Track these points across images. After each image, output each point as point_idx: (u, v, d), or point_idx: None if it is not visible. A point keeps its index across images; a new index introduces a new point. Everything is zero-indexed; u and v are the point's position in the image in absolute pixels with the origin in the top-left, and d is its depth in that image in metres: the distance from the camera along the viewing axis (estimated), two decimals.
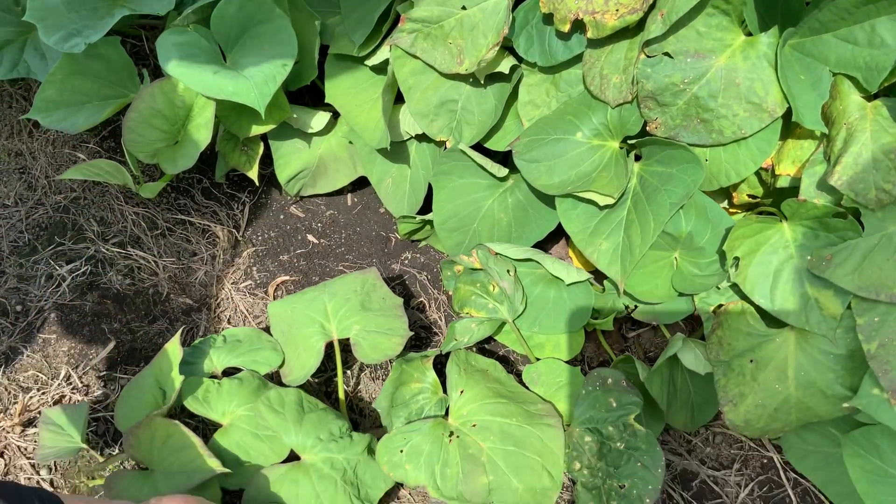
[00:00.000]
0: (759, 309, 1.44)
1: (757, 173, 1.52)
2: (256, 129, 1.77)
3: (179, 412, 1.58)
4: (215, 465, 1.37)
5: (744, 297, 1.46)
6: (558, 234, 1.77)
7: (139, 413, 1.48)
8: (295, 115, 1.79)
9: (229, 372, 1.59)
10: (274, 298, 1.84)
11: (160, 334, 1.77)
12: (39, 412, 1.63)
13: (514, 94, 1.63)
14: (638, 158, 1.48)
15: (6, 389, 1.66)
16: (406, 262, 1.92)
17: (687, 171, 1.39)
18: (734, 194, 1.59)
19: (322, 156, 1.89)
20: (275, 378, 1.62)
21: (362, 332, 1.60)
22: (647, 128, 1.42)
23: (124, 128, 1.63)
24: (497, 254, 1.56)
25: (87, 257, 1.83)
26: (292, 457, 1.49)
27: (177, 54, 1.60)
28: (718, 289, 1.48)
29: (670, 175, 1.41)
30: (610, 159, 1.48)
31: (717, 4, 1.33)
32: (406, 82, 1.66)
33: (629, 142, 1.46)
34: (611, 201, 1.42)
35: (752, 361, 1.44)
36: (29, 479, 1.58)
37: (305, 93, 1.96)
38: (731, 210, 1.61)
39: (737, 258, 1.40)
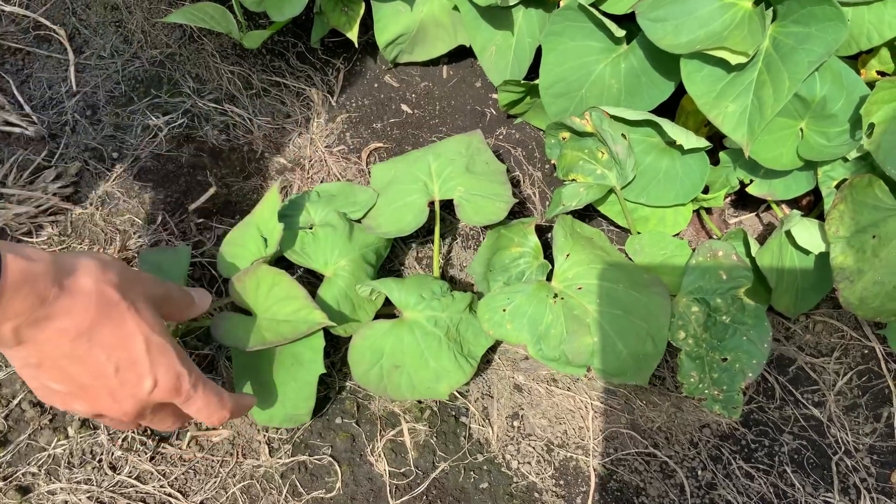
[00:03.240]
0: (888, 181, 1.37)
1: (891, 46, 1.45)
2: None
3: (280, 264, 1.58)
4: (321, 317, 1.34)
5: (873, 170, 1.40)
6: (664, 112, 1.70)
7: (242, 262, 1.47)
8: None
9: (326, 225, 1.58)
10: (367, 164, 1.81)
11: (255, 190, 1.76)
12: (138, 254, 1.63)
13: None
14: (773, 17, 1.40)
15: (103, 231, 1.67)
16: (501, 137, 1.88)
17: (827, 29, 1.31)
18: (862, 71, 1.51)
19: (423, 20, 1.84)
20: None
21: (466, 193, 1.57)
22: None
23: None
24: (612, 116, 1.51)
25: (182, 111, 1.82)
26: (390, 316, 1.48)
27: None
28: (845, 160, 1.42)
29: (808, 35, 1.34)
30: (742, 18, 1.41)
31: None
32: None
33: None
34: (744, 59, 1.36)
35: (874, 237, 1.38)
36: None
37: None
38: None
39: (872, 124, 1.33)
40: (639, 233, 1.58)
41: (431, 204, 1.59)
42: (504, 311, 1.42)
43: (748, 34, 1.37)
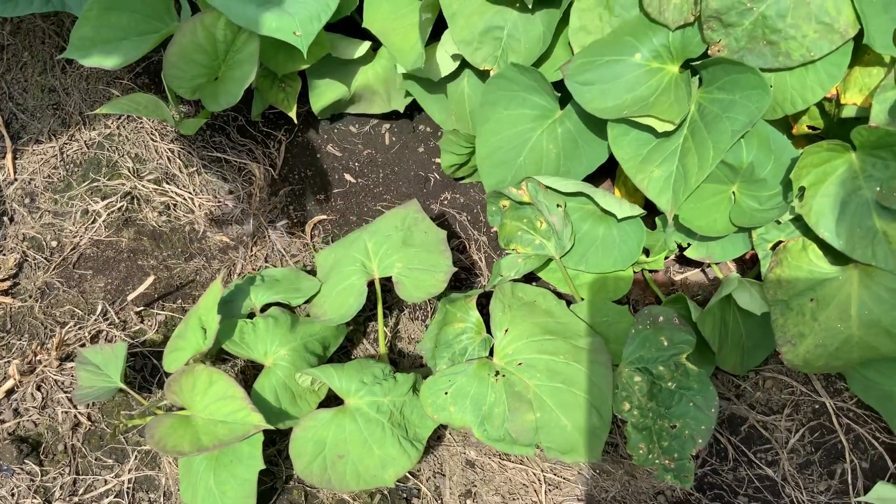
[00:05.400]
0: (821, 244, 1.37)
1: (820, 104, 1.45)
2: (296, 66, 1.71)
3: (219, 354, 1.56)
4: (258, 420, 1.32)
5: (806, 233, 1.40)
6: (604, 173, 1.71)
7: (183, 355, 1.45)
8: (333, 47, 1.73)
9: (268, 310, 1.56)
10: (311, 238, 1.80)
11: (197, 271, 1.74)
12: (77, 347, 1.61)
13: (563, 21, 1.55)
14: (699, 83, 1.41)
15: (42, 324, 1.65)
16: (446, 202, 1.87)
17: (751, 97, 1.32)
18: (794, 126, 1.52)
19: (359, 88, 1.83)
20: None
21: (405, 269, 1.56)
22: (710, 51, 1.35)
23: (165, 62, 1.58)
24: (547, 187, 1.50)
25: (122, 193, 1.80)
26: (336, 401, 1.45)
27: None
28: (779, 223, 1.41)
29: (732, 102, 1.34)
30: (669, 83, 1.41)
31: None
32: (449, 7, 1.59)
33: (691, 64, 1.39)
34: (670, 127, 1.36)
35: (812, 300, 1.38)
36: (66, 412, 1.56)
37: (341, 26, 1.89)
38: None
39: (802, 188, 1.33)
40: (582, 299, 1.57)
41: (372, 282, 1.57)
42: (446, 393, 1.40)
43: (674, 101, 1.37)
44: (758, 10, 1.28)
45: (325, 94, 1.83)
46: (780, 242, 1.42)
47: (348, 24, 1.88)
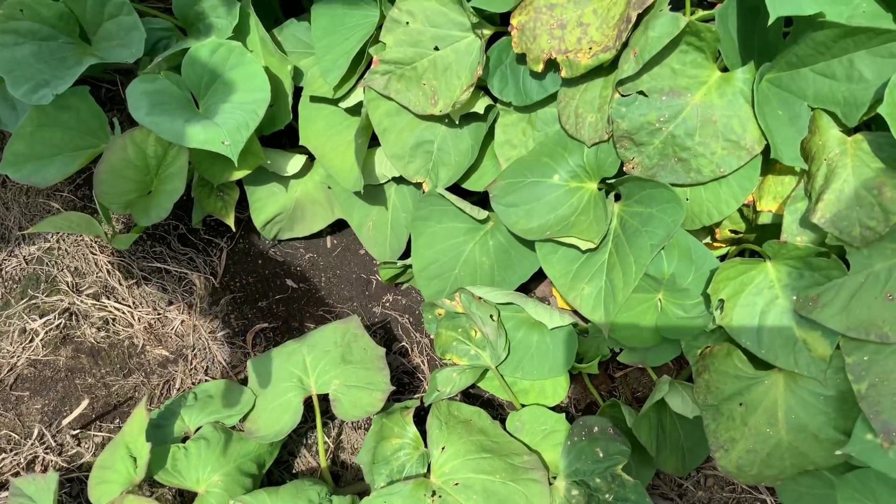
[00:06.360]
0: (746, 351, 1.39)
1: (739, 209, 1.49)
2: (231, 176, 1.73)
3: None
4: None
5: (730, 340, 1.42)
6: (543, 274, 1.72)
7: (112, 487, 1.42)
8: (269, 161, 1.76)
9: None
10: (252, 347, 1.79)
11: (136, 388, 1.72)
12: (10, 476, 1.58)
13: (490, 134, 1.60)
14: (618, 198, 1.44)
15: None
16: (388, 304, 1.88)
17: (667, 210, 1.35)
18: (717, 230, 1.55)
19: (299, 199, 1.85)
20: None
21: (342, 387, 1.55)
22: (624, 168, 1.39)
23: (95, 180, 1.59)
24: (479, 298, 1.52)
25: (60, 310, 1.79)
26: None
27: (147, 103, 1.57)
28: (705, 331, 1.44)
29: (650, 215, 1.37)
30: (588, 201, 1.44)
31: (690, 41, 1.30)
32: (381, 124, 1.63)
33: (607, 182, 1.43)
34: (592, 246, 1.39)
35: (741, 405, 1.40)
36: None
37: (283, 135, 1.93)
38: (714, 244, 1.58)
39: (721, 300, 1.36)
40: (522, 405, 1.57)
41: (310, 398, 1.56)
42: None
43: (594, 221, 1.40)
44: (667, 130, 1.33)
45: (266, 206, 1.85)
46: (707, 347, 1.44)
47: (291, 134, 1.91)
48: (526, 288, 1.81)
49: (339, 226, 1.96)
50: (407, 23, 1.54)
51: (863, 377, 1.27)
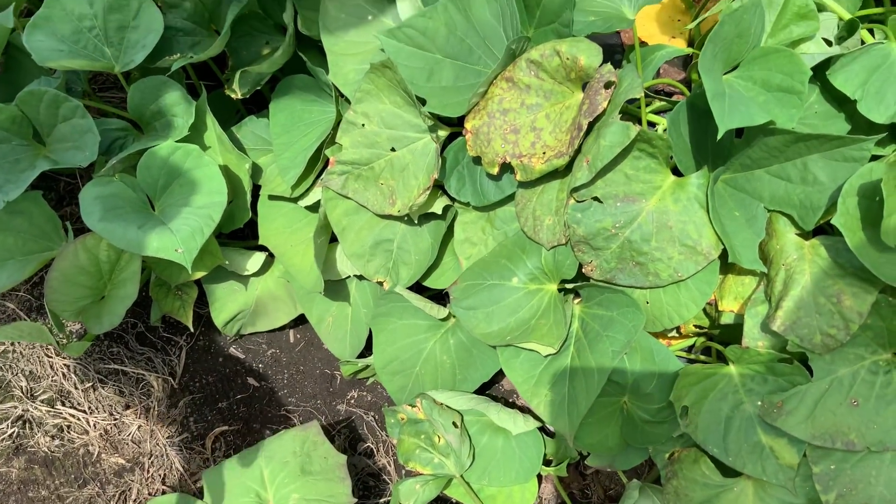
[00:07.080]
0: (713, 458, 1.36)
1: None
2: (188, 276, 1.70)
3: None
4: None
5: (697, 445, 1.39)
6: None
7: None
8: (227, 262, 1.72)
9: None
10: (212, 452, 1.74)
11: (91, 500, 1.66)
12: None
13: (450, 232, 1.58)
14: (578, 295, 1.42)
15: None
16: (352, 401, 1.83)
17: (627, 315, 1.33)
18: (681, 325, 1.53)
19: (260, 296, 1.82)
20: None
21: (302, 501, 1.50)
22: (583, 270, 1.37)
23: (46, 287, 1.55)
24: (441, 404, 1.48)
25: (14, 418, 1.73)
26: None
27: (100, 208, 1.54)
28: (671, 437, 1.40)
29: (611, 319, 1.35)
30: (548, 304, 1.42)
31: (642, 148, 1.29)
32: (339, 223, 1.60)
33: (566, 285, 1.41)
34: (552, 351, 1.36)
35: None
36: None
37: (245, 227, 1.90)
38: (680, 336, 1.55)
39: (685, 407, 1.33)
40: None
41: None
42: None
43: (553, 325, 1.38)
44: (623, 235, 1.31)
45: (226, 305, 1.81)
46: (674, 452, 1.41)
47: (252, 227, 1.88)
48: (494, 380, 1.78)
49: (303, 320, 1.92)
50: (363, 125, 1.53)
51: (831, 487, 1.24)
